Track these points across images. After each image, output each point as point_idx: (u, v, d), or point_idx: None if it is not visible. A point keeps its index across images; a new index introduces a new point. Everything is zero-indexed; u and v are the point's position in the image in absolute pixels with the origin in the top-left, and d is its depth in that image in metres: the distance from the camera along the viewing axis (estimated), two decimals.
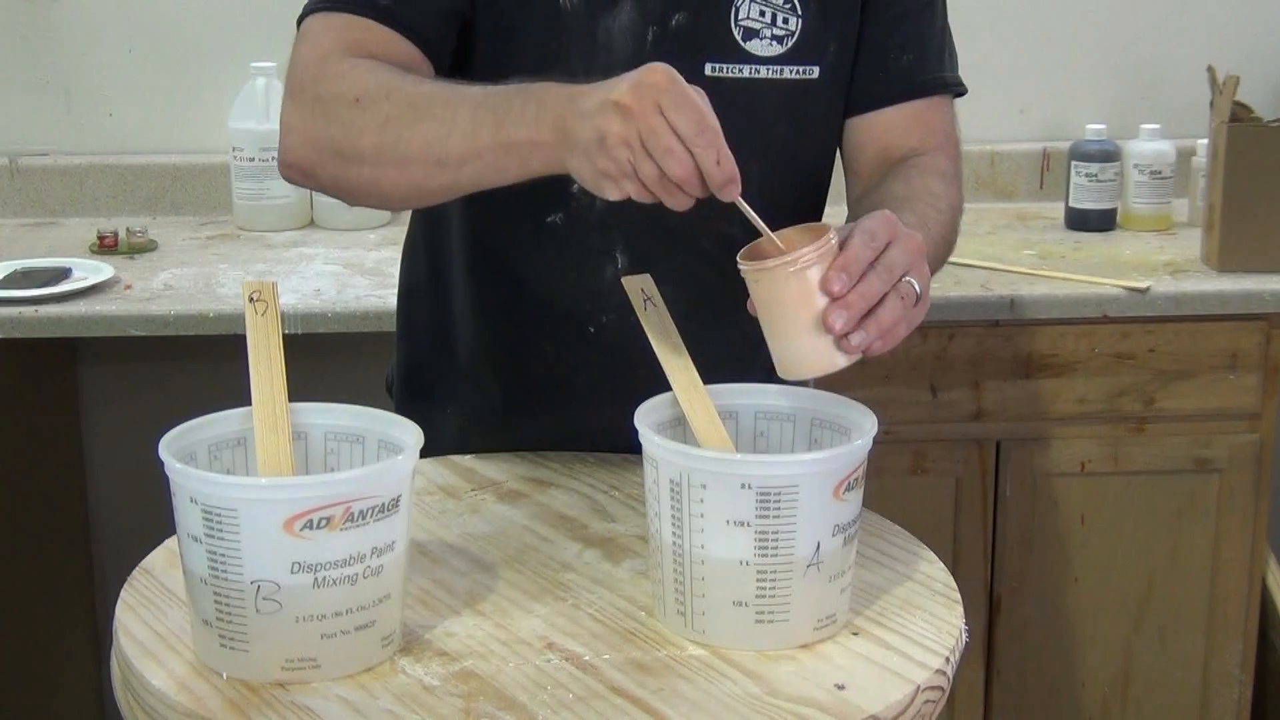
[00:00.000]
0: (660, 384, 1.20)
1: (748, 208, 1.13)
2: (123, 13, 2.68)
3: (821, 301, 1.12)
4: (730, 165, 1.11)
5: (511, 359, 1.51)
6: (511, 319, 1.49)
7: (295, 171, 1.33)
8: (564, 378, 1.50)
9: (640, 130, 1.10)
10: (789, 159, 1.46)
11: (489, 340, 1.52)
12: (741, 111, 1.41)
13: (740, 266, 1.15)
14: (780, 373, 1.17)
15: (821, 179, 1.51)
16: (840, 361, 1.14)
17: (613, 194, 1.14)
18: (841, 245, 1.14)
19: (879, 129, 1.48)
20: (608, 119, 1.11)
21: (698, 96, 1.11)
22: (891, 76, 1.47)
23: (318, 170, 1.31)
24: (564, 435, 1.49)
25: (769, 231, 1.14)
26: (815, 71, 1.43)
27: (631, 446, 1.28)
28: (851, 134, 1.49)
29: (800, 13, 1.41)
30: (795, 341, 1.14)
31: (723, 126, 1.40)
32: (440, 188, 1.25)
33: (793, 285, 1.12)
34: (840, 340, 1.13)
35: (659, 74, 1.11)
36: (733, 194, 1.12)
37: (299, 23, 1.37)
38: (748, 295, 1.16)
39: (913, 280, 1.16)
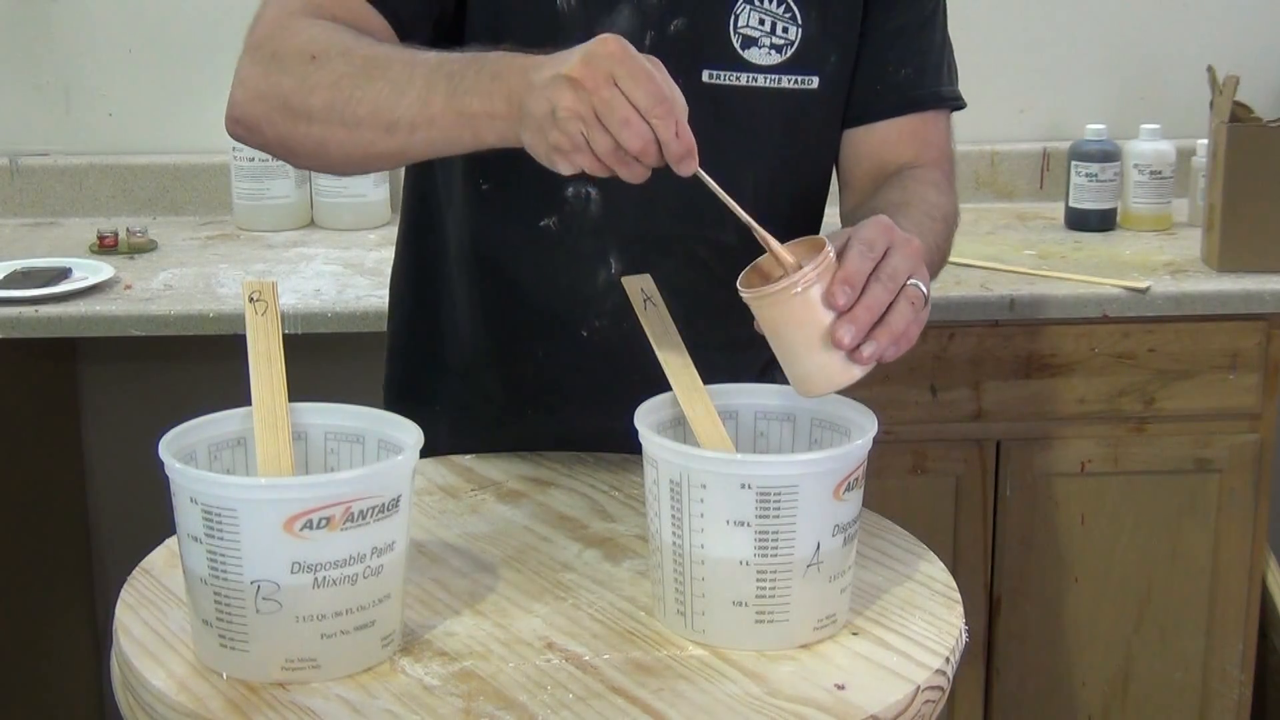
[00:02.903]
0: (653, 388, 1.20)
1: (709, 180, 1.12)
2: (122, 13, 2.68)
3: (828, 317, 1.11)
4: (688, 137, 1.08)
5: (503, 361, 1.51)
6: (503, 321, 1.49)
7: (241, 127, 1.30)
8: (556, 381, 1.49)
9: (594, 103, 1.07)
10: (785, 169, 1.45)
11: (481, 342, 1.51)
12: (738, 120, 1.41)
13: (742, 294, 1.13)
14: (798, 392, 1.16)
15: (818, 190, 1.50)
16: (855, 373, 1.13)
17: (565, 168, 1.11)
18: (840, 256, 1.12)
19: (875, 142, 1.47)
20: (559, 92, 1.08)
21: (653, 67, 1.08)
22: (889, 89, 1.46)
23: (264, 126, 1.27)
24: (556, 437, 1.49)
25: (734, 205, 1.13)
26: (814, 82, 1.42)
27: (624, 450, 1.28)
28: (847, 146, 1.49)
29: (800, 22, 1.40)
30: (807, 361, 1.13)
31: (717, 134, 1.40)
32: (389, 152, 1.22)
33: (796, 306, 1.11)
34: (851, 353, 1.12)
35: (611, 44, 1.08)
36: (690, 167, 1.10)
37: None
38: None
39: (918, 283, 1.14)
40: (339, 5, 1.30)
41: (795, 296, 1.11)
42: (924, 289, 1.15)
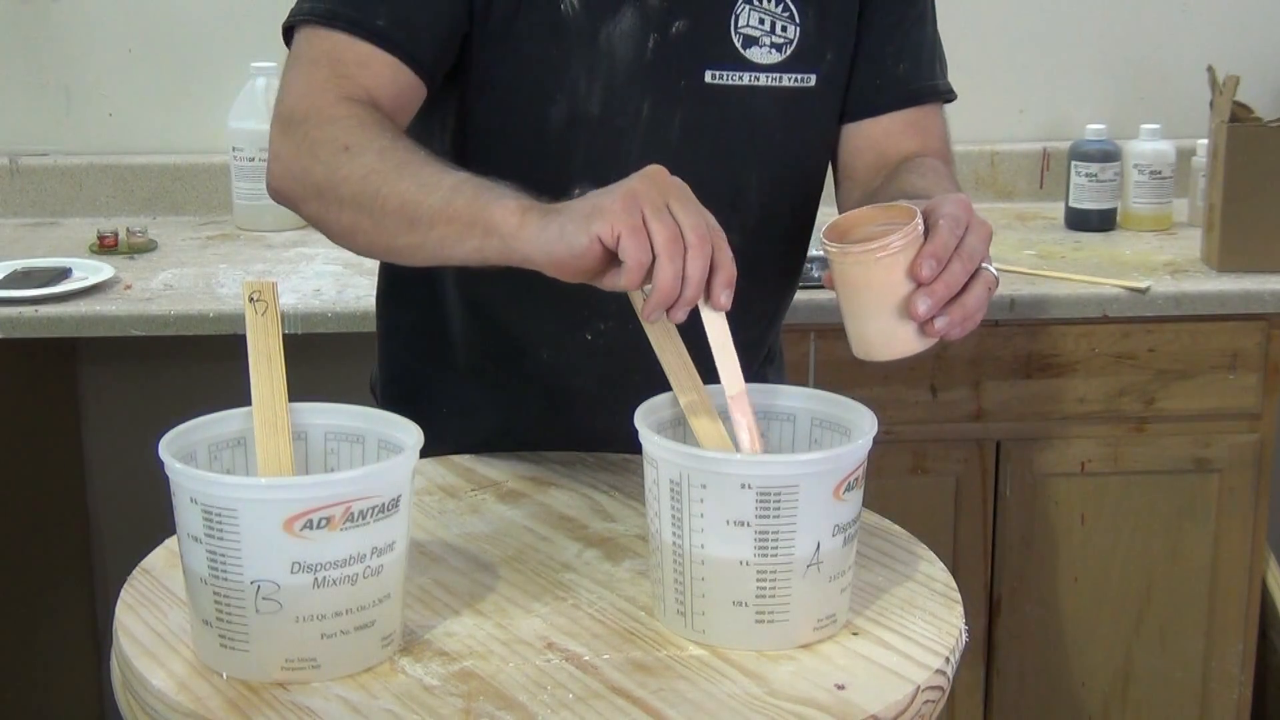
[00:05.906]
0: (656, 389, 1.20)
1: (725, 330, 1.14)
2: (123, 13, 2.68)
3: (907, 287, 1.14)
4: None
5: (508, 365, 1.51)
6: (508, 325, 1.49)
7: (280, 198, 1.33)
8: (561, 384, 1.49)
9: (662, 187, 1.10)
10: (786, 165, 1.46)
11: (485, 346, 1.51)
12: (739, 118, 1.42)
13: (825, 247, 1.16)
14: (858, 353, 1.19)
15: (816, 184, 1.52)
16: (920, 345, 1.16)
17: (609, 239, 1.09)
18: (927, 228, 1.15)
19: (877, 135, 1.48)
20: (626, 187, 1.10)
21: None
22: (887, 83, 1.48)
23: (300, 204, 1.31)
24: (561, 440, 1.49)
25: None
26: (812, 79, 1.43)
27: (628, 450, 1.27)
28: (848, 140, 1.50)
29: (799, 21, 1.41)
30: (876, 324, 1.16)
31: (721, 134, 1.41)
32: (406, 247, 1.23)
33: (878, 271, 1.14)
34: (923, 325, 1.15)
35: (659, 171, 1.12)
36: (727, 303, 1.11)
37: (286, 30, 1.36)
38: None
39: (990, 266, 1.18)
40: (363, 70, 1.32)
41: (879, 261, 1.13)
42: (994, 271, 1.18)
